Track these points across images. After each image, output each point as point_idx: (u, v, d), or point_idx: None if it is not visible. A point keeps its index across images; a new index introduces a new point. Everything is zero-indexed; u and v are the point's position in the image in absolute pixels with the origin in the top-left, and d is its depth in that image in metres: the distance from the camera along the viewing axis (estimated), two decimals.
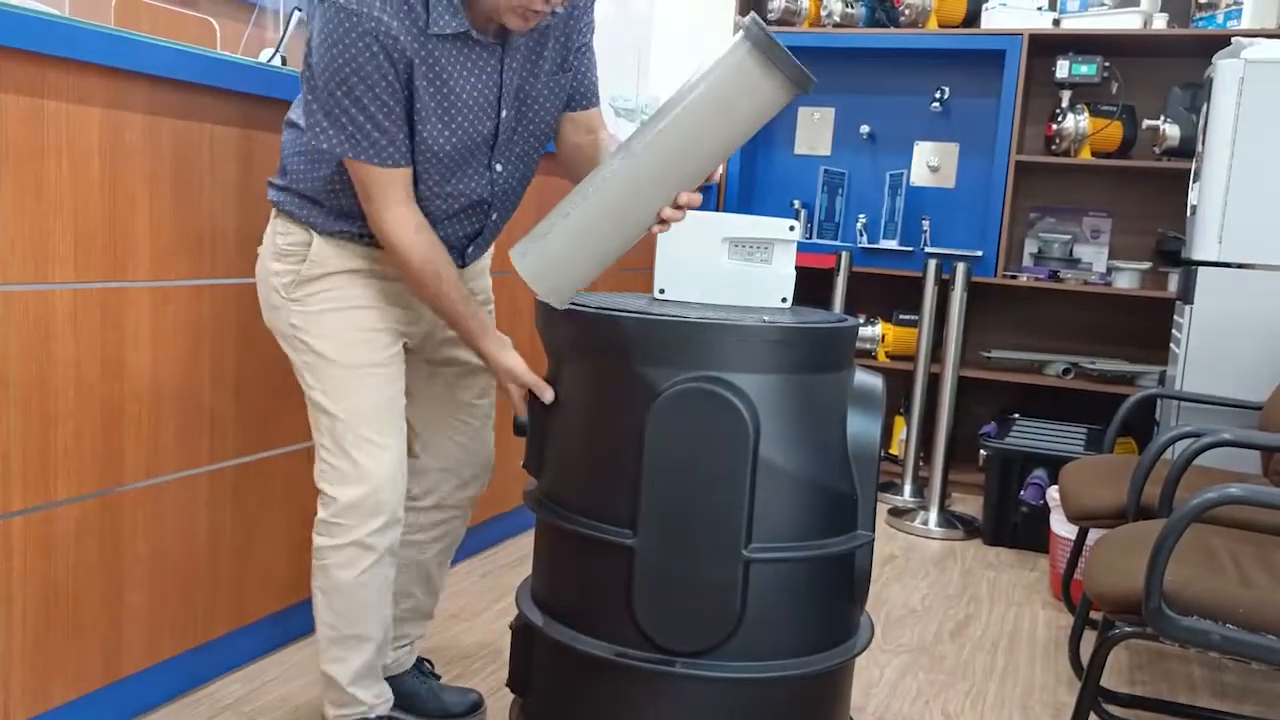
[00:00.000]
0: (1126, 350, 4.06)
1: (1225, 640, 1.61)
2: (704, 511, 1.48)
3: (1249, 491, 1.66)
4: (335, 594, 1.70)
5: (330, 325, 1.66)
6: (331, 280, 1.66)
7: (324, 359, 1.66)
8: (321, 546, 1.69)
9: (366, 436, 1.66)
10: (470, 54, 1.55)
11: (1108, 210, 4.09)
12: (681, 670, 1.51)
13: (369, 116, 1.51)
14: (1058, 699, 2.29)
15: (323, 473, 1.69)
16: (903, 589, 2.94)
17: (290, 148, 1.69)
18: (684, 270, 1.67)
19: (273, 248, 1.69)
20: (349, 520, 1.66)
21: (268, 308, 1.72)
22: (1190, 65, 3.75)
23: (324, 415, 1.68)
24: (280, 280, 1.67)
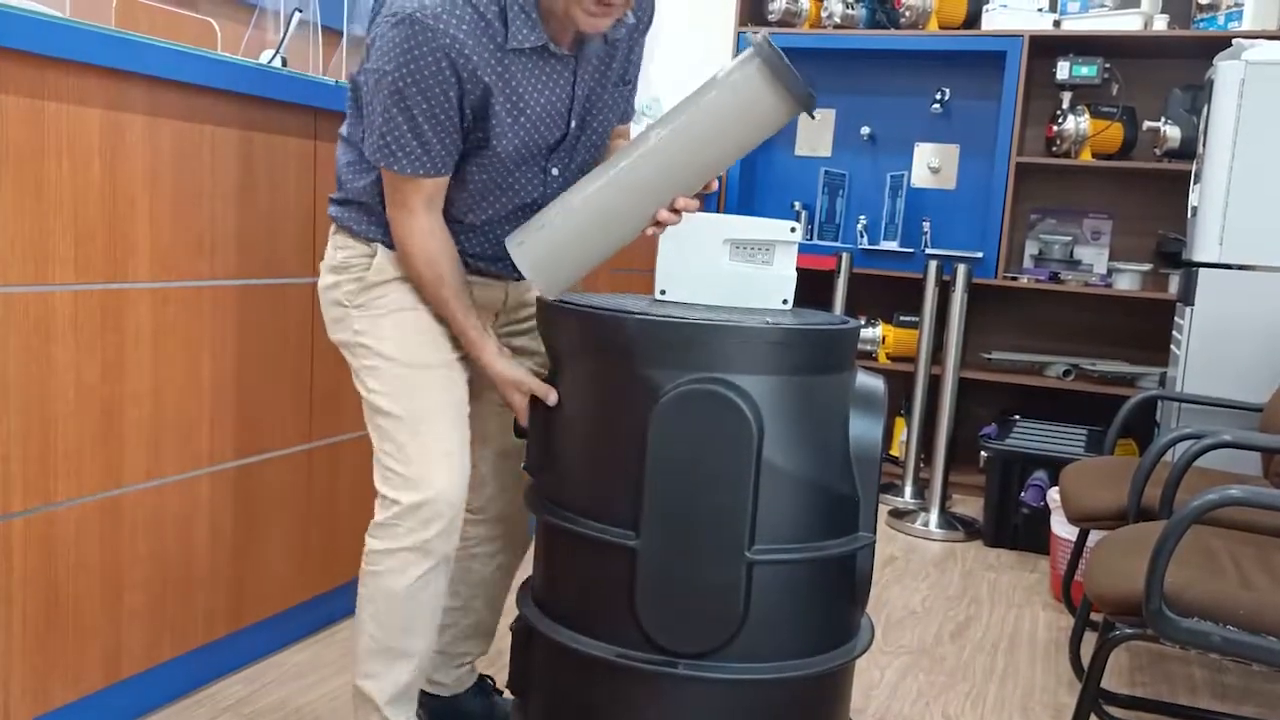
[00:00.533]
0: (1127, 352, 4.06)
1: (1226, 642, 1.60)
2: (707, 513, 1.48)
3: (1250, 493, 1.66)
4: (383, 601, 1.65)
5: (393, 326, 1.65)
6: (394, 285, 1.66)
7: (386, 359, 1.64)
8: (375, 551, 1.64)
9: (428, 438, 1.63)
10: (545, 66, 1.56)
11: (1108, 212, 4.09)
12: (684, 671, 1.50)
13: (414, 128, 1.51)
14: (1058, 700, 2.29)
15: (384, 477, 1.64)
16: (903, 590, 2.94)
17: (341, 159, 1.70)
18: (685, 271, 1.67)
19: (331, 263, 1.70)
20: (407, 524, 1.61)
21: (332, 323, 1.71)
22: (1191, 67, 3.75)
23: (384, 418, 1.64)
24: (342, 291, 1.67)
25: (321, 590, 2.33)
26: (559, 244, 1.52)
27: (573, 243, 1.52)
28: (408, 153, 1.53)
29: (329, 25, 3.16)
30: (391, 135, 1.52)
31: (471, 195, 1.63)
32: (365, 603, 1.67)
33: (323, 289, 1.72)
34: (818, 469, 1.53)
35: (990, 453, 3.42)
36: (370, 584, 1.66)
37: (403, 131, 1.51)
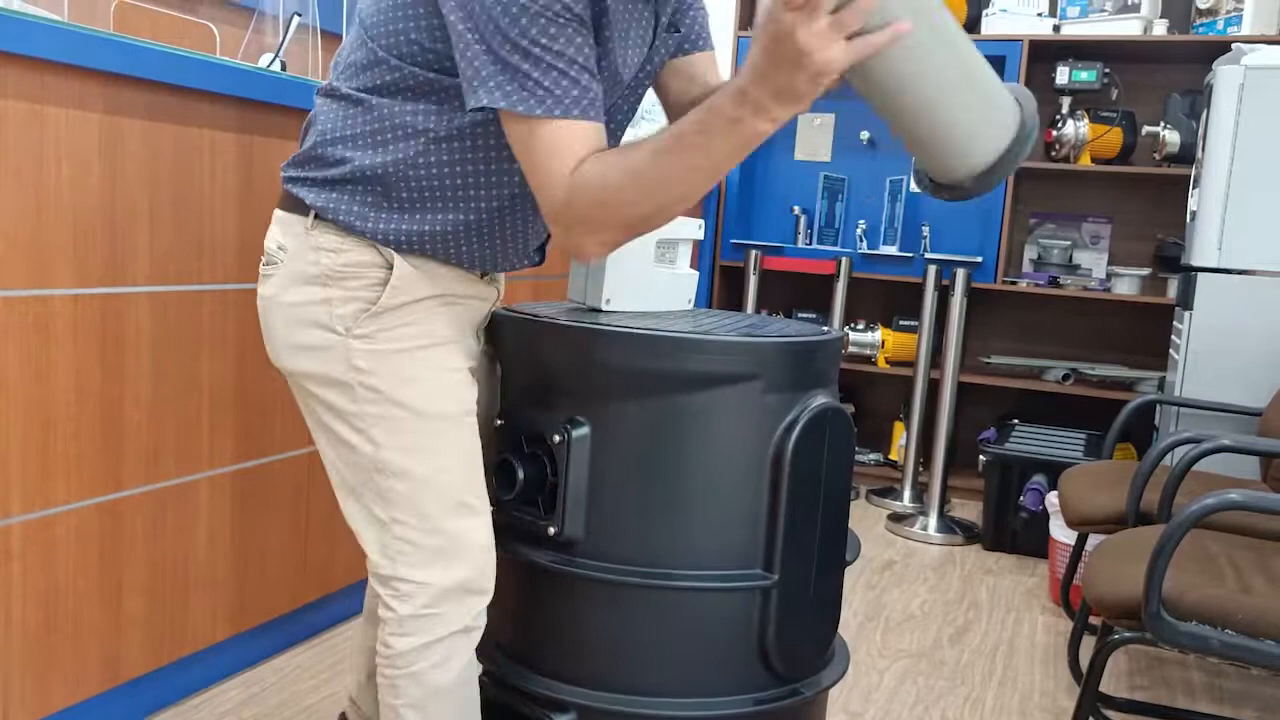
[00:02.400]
0: (1126, 356, 4.06)
1: (1224, 646, 1.61)
2: (825, 534, 1.49)
3: (1248, 497, 1.66)
4: (435, 703, 1.37)
5: (412, 366, 1.32)
6: (411, 311, 1.33)
7: (406, 410, 1.32)
8: (408, 650, 1.34)
9: (463, 501, 1.35)
10: (634, 9, 1.27)
11: (1107, 216, 4.09)
12: (808, 694, 1.52)
13: (559, 55, 1.14)
14: (1057, 704, 2.29)
15: (402, 555, 1.33)
16: (902, 594, 2.94)
17: (340, 120, 1.30)
18: (627, 279, 1.59)
19: (312, 269, 1.31)
20: (446, 608, 1.35)
21: (304, 349, 1.33)
22: (1190, 71, 3.75)
23: (398, 480, 1.32)
24: (336, 310, 1.31)
25: (322, 594, 2.33)
26: None
27: None
28: (562, 85, 1.14)
29: (328, 29, 3.17)
30: (534, 60, 1.13)
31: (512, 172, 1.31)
32: (408, 711, 1.37)
33: (289, 304, 1.32)
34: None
35: (989, 457, 3.42)
36: (408, 689, 1.36)
37: (547, 52, 1.13)
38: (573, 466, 1.42)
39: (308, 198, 1.31)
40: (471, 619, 1.38)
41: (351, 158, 1.29)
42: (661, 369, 1.39)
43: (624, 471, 1.43)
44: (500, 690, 1.52)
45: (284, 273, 1.33)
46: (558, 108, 1.15)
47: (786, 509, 1.43)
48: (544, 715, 1.46)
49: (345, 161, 1.29)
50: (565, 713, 1.46)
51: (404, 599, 1.35)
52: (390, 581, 1.35)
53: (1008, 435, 3.64)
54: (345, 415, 1.33)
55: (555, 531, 1.44)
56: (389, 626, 1.36)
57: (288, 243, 1.33)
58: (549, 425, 1.43)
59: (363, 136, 1.28)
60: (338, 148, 1.29)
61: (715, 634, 1.45)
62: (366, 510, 1.35)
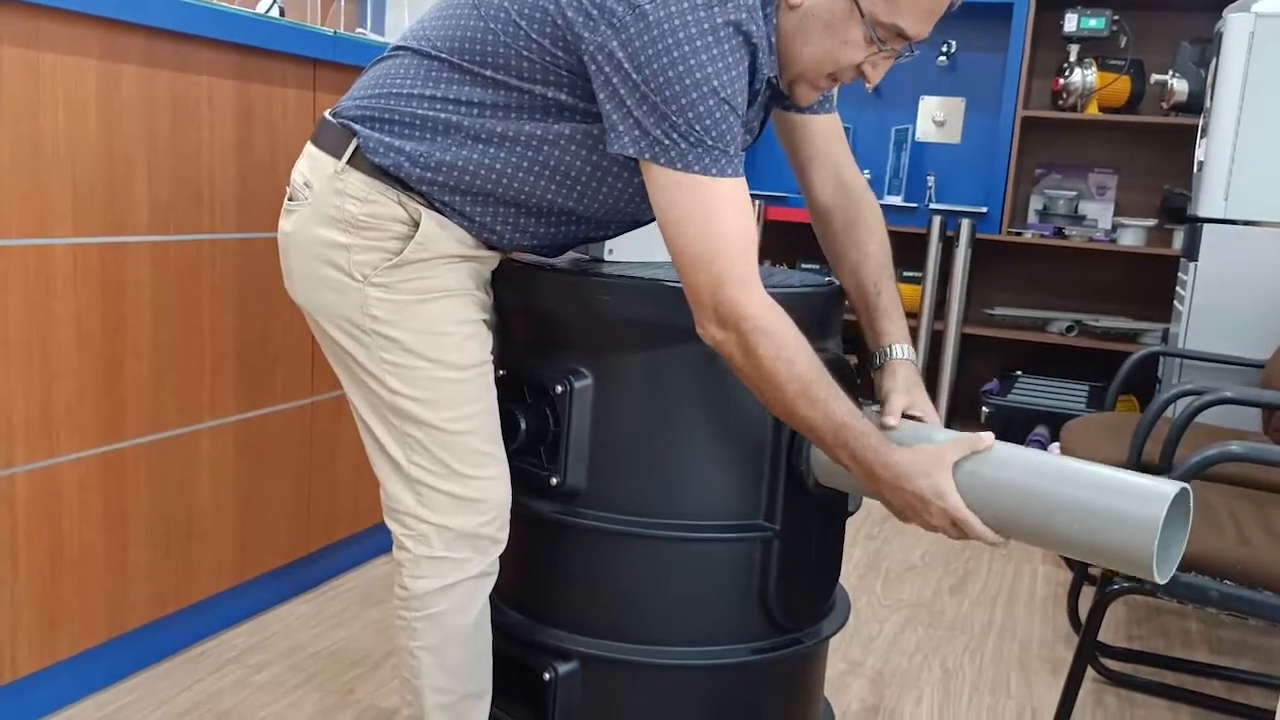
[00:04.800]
0: (1130, 308, 4.04)
1: (1223, 596, 1.62)
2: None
3: (1249, 449, 1.66)
4: (452, 646, 1.39)
5: (428, 317, 1.33)
6: (430, 265, 1.33)
7: (424, 359, 1.33)
8: (426, 593, 1.36)
9: (481, 450, 1.37)
10: (762, 97, 1.32)
11: (1114, 166, 4.05)
12: (809, 644, 1.53)
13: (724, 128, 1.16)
14: (1055, 654, 2.31)
15: (419, 496, 1.36)
16: (903, 545, 2.96)
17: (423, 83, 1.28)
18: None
19: (335, 213, 1.30)
20: (464, 552, 1.37)
21: (321, 286, 1.33)
22: (1201, 19, 3.70)
23: (418, 428, 1.34)
24: (354, 257, 1.31)
25: (325, 543, 2.34)
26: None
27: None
28: (724, 144, 1.17)
29: None
30: (703, 115, 1.15)
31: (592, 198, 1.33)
32: (425, 656, 1.39)
33: (306, 243, 1.33)
34: None
35: (992, 409, 3.42)
36: (426, 632, 1.38)
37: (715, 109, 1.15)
38: (575, 417, 1.42)
39: (359, 128, 1.29)
40: (487, 565, 1.40)
41: (424, 119, 1.28)
42: (663, 320, 1.38)
43: (626, 422, 1.43)
44: (503, 640, 1.54)
45: (306, 211, 1.33)
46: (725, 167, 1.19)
47: (788, 459, 1.43)
48: (547, 664, 1.47)
49: (415, 121, 1.28)
50: (568, 661, 1.48)
51: (419, 540, 1.36)
52: (405, 519, 1.37)
53: (1011, 387, 3.64)
54: (360, 361, 1.35)
55: (557, 482, 1.44)
56: (406, 568, 1.37)
57: (314, 180, 1.33)
58: (551, 376, 1.43)
59: (442, 103, 1.27)
60: (413, 104, 1.28)
61: (716, 584, 1.46)
62: (385, 450, 1.37)
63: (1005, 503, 1.20)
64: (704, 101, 1.14)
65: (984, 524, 1.20)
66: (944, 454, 1.20)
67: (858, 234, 1.51)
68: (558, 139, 1.27)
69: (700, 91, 1.14)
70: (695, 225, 1.18)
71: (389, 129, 1.29)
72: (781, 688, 1.56)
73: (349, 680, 1.99)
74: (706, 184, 1.17)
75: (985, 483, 1.21)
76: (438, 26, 1.30)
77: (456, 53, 1.27)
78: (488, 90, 1.26)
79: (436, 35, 1.29)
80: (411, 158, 1.28)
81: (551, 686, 1.47)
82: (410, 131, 1.29)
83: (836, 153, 1.53)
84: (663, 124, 1.15)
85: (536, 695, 1.49)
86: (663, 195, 1.19)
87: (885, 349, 1.47)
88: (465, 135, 1.28)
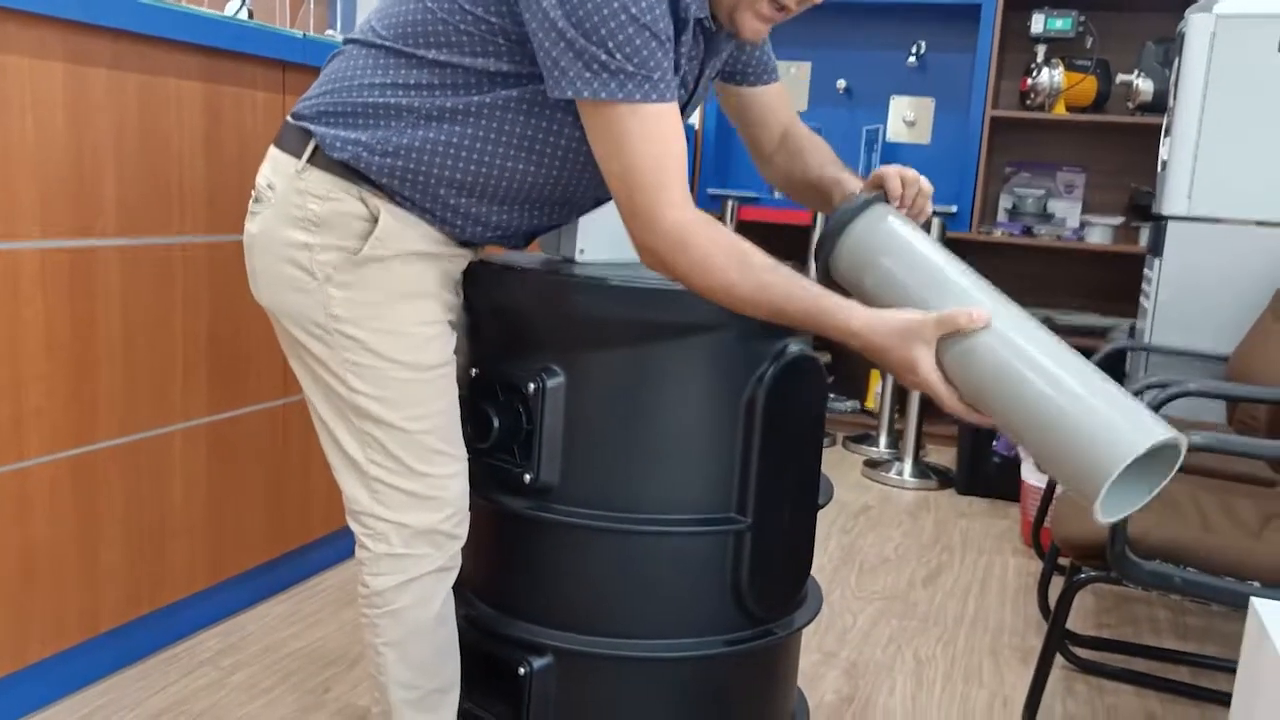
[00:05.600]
0: (1099, 304, 4.09)
1: (1186, 583, 1.65)
2: (794, 478, 1.51)
3: (1211, 440, 1.69)
4: (414, 642, 1.41)
5: (392, 318, 1.33)
6: (392, 264, 1.33)
7: (384, 359, 1.33)
8: (387, 589, 1.39)
9: (439, 449, 1.38)
10: (693, 40, 1.31)
11: (1081, 165, 4.10)
12: (782, 635, 1.54)
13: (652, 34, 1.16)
14: (1026, 643, 2.34)
15: (377, 495, 1.37)
16: (877, 538, 2.98)
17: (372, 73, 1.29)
18: (600, 229, 1.58)
19: (297, 212, 1.31)
20: (423, 549, 1.38)
21: (284, 286, 1.34)
22: (1165, 19, 3.75)
23: (377, 426, 1.35)
24: (318, 257, 1.31)
25: (300, 543, 2.34)
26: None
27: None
28: (647, 70, 1.16)
29: None
30: (622, 43, 1.15)
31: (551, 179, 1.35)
32: (388, 652, 1.41)
33: (269, 245, 1.34)
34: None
35: None
36: (388, 628, 1.40)
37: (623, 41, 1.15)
38: (547, 414, 1.43)
39: (315, 127, 1.30)
40: (446, 559, 1.42)
41: (376, 107, 1.29)
42: (635, 319, 1.39)
43: (598, 419, 1.44)
44: (477, 635, 1.55)
45: (270, 212, 1.34)
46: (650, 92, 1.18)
47: (759, 454, 1.45)
48: (522, 658, 1.48)
49: (368, 110, 1.29)
50: (542, 656, 1.49)
51: (378, 538, 1.38)
52: (364, 519, 1.38)
53: None
54: (322, 359, 1.35)
55: (530, 478, 1.45)
56: (366, 566, 1.40)
57: (277, 182, 1.34)
58: (524, 374, 1.44)
59: (392, 89, 1.28)
60: (364, 94, 1.29)
61: (689, 577, 1.47)
62: (343, 449, 1.38)
63: (985, 389, 1.17)
64: (623, 30, 1.15)
65: (959, 401, 1.20)
66: (922, 330, 1.19)
67: (804, 156, 1.56)
68: (506, 104, 1.27)
69: (619, 20, 1.14)
70: (623, 150, 1.19)
71: (344, 122, 1.30)
72: (755, 679, 1.57)
73: (325, 680, 1.99)
74: (632, 110, 1.18)
75: (967, 365, 1.19)
76: (383, 16, 1.32)
77: (400, 39, 1.28)
78: (434, 71, 1.27)
79: (381, 25, 1.31)
80: (369, 147, 1.29)
81: (526, 681, 1.48)
82: (364, 121, 1.29)
83: (783, 116, 1.58)
84: (584, 56, 1.15)
85: (511, 690, 1.50)
86: (594, 127, 1.21)
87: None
88: (418, 116, 1.28)
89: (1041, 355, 1.16)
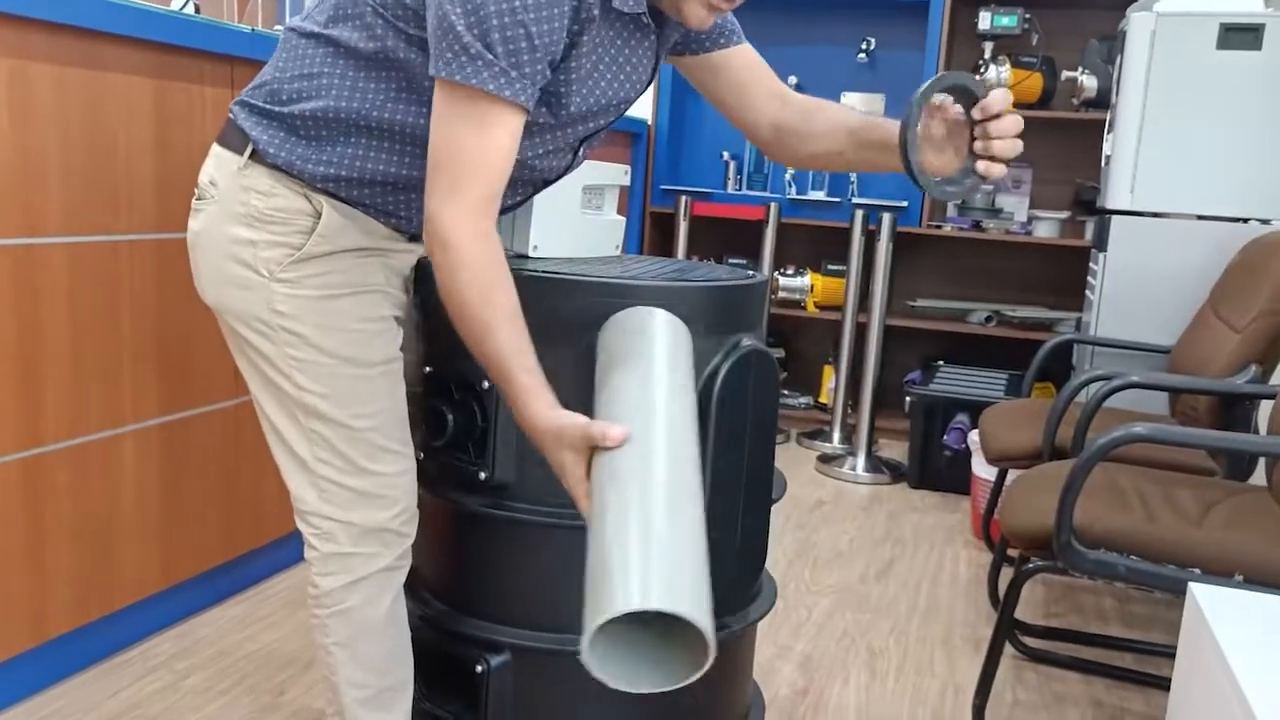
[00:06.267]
0: (1046, 297, 4.16)
1: (1130, 571, 1.69)
2: (751, 473, 1.51)
3: (1152, 430, 1.74)
4: (364, 641, 1.40)
5: (335, 313, 1.32)
6: (337, 259, 1.32)
7: (329, 355, 1.32)
8: (335, 588, 1.37)
9: (386, 446, 1.37)
10: (631, 38, 1.29)
11: (1028, 161, 4.16)
12: (737, 628, 1.55)
13: (514, 29, 1.13)
14: (977, 633, 2.38)
15: (324, 494, 1.36)
16: (831, 533, 3.01)
17: (304, 63, 1.28)
18: (553, 224, 1.58)
19: (240, 208, 1.30)
20: (371, 548, 1.37)
21: (228, 284, 1.33)
22: (1108, 17, 3.82)
23: (323, 423, 1.34)
24: (261, 253, 1.30)
25: (254, 545, 2.32)
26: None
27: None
28: (488, 62, 1.13)
29: None
30: (497, 41, 1.12)
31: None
32: (339, 651, 1.40)
33: (213, 242, 1.32)
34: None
35: (914, 398, 3.50)
36: (338, 628, 1.39)
37: (495, 28, 1.12)
38: (502, 412, 1.43)
39: (252, 131, 1.30)
40: (395, 558, 1.41)
41: (306, 94, 1.27)
42: (589, 312, 1.40)
43: None
44: (434, 634, 1.55)
45: (213, 209, 1.33)
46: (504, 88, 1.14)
47: (713, 450, 1.46)
48: (479, 656, 1.49)
49: (299, 98, 1.28)
50: (499, 653, 1.49)
51: (325, 537, 1.37)
52: (311, 518, 1.37)
53: (932, 376, 3.73)
54: (268, 356, 1.34)
55: (486, 476, 1.45)
56: (314, 566, 1.39)
57: (219, 178, 1.33)
58: (477, 372, 1.44)
59: (320, 78, 1.27)
60: (296, 84, 1.28)
61: None
62: (290, 448, 1.37)
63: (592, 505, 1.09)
64: (504, 28, 1.12)
65: (588, 510, 1.11)
66: (564, 434, 1.12)
67: (825, 110, 1.44)
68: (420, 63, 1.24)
69: (502, 20, 1.12)
70: (453, 130, 1.16)
71: (278, 124, 1.30)
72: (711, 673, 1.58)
73: (280, 682, 1.98)
74: (474, 98, 1.14)
75: (592, 479, 1.11)
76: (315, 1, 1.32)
77: (322, 24, 1.28)
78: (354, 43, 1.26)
79: (312, 8, 1.31)
80: (304, 157, 1.29)
81: (483, 679, 1.48)
82: (298, 125, 1.29)
83: (767, 80, 1.48)
84: (461, 41, 1.12)
85: (469, 688, 1.50)
86: (438, 104, 1.17)
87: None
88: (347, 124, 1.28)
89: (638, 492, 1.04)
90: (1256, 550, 1.65)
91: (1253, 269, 2.49)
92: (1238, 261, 2.62)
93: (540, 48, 1.15)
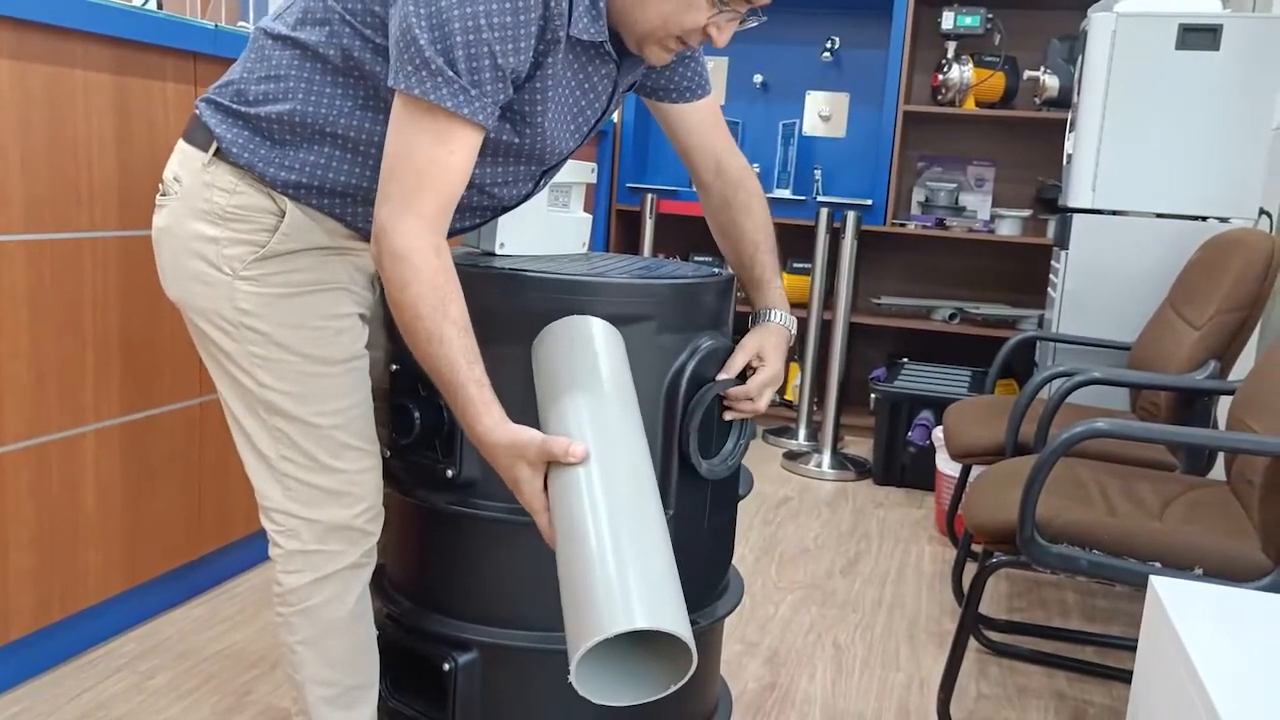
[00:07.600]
0: (1009, 295, 4.21)
1: (1092, 565, 1.71)
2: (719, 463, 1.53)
3: (1113, 425, 1.76)
4: (330, 639, 1.40)
5: (298, 311, 1.32)
6: (300, 258, 1.33)
7: (292, 353, 1.32)
8: (299, 586, 1.38)
9: (350, 444, 1.37)
10: (590, 65, 1.30)
11: (991, 159, 4.21)
12: (704, 625, 1.56)
13: (476, 48, 1.13)
14: (942, 627, 2.41)
15: (288, 491, 1.36)
16: (797, 529, 3.03)
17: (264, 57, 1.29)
18: (520, 221, 1.57)
19: (204, 205, 1.30)
20: (336, 545, 1.37)
21: (191, 280, 1.32)
22: (1070, 17, 3.86)
23: (287, 421, 1.34)
24: (224, 251, 1.30)
25: (219, 544, 2.30)
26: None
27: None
28: (449, 79, 1.13)
29: None
30: (442, 46, 1.12)
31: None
32: (304, 650, 1.40)
33: (177, 239, 1.32)
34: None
35: (879, 395, 3.53)
36: (302, 626, 1.39)
37: (459, 45, 1.12)
38: None
39: (217, 129, 1.30)
40: (360, 555, 1.41)
41: (272, 96, 1.28)
42: (555, 311, 1.40)
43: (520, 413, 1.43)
44: (402, 632, 1.54)
45: (176, 206, 1.33)
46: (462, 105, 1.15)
47: (680, 446, 1.47)
48: (447, 654, 1.48)
49: (265, 100, 1.28)
50: (467, 651, 1.49)
51: (289, 535, 1.38)
52: (275, 515, 1.38)
53: (897, 373, 3.76)
54: (230, 354, 1.34)
55: (453, 474, 1.45)
56: (279, 564, 1.39)
57: (183, 175, 1.33)
58: None
59: (287, 80, 1.28)
60: (263, 85, 1.29)
61: None
62: (254, 444, 1.37)
63: (557, 524, 1.12)
64: (467, 45, 1.13)
65: (549, 527, 1.15)
66: (521, 448, 1.14)
67: (734, 213, 1.60)
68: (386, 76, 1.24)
69: (466, 37, 1.13)
70: (410, 143, 1.16)
71: (242, 124, 1.30)
72: None
73: (246, 681, 1.97)
74: (427, 110, 1.15)
75: (552, 495, 1.14)
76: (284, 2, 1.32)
77: (290, 25, 1.28)
78: (321, 49, 1.27)
79: (283, 9, 1.32)
80: (267, 160, 1.29)
81: (451, 677, 1.48)
82: (263, 127, 1.29)
83: (715, 140, 1.59)
84: (423, 55, 1.13)
85: (437, 686, 1.50)
86: (396, 116, 1.18)
87: (757, 313, 1.58)
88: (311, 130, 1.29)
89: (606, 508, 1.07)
90: (1216, 543, 1.68)
91: (1211, 267, 2.54)
92: (1197, 259, 2.67)
93: (503, 68, 1.17)
